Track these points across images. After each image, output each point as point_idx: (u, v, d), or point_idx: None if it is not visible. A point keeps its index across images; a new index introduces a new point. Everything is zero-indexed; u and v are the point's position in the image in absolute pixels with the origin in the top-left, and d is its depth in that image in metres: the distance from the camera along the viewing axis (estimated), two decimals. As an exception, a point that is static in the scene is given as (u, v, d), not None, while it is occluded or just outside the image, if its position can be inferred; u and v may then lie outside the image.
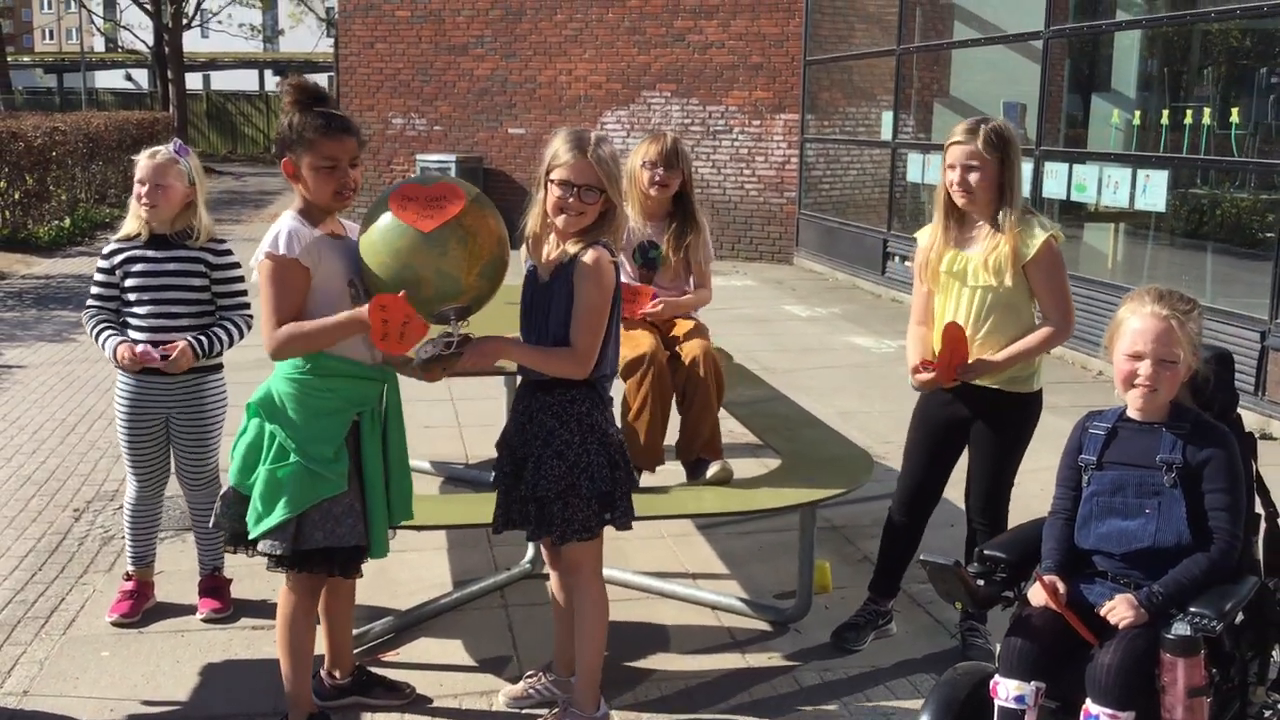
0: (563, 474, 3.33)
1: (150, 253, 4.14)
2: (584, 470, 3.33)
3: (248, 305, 4.27)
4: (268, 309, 3.25)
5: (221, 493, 3.51)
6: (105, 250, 4.23)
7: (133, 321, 4.15)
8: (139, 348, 4.05)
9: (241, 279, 4.26)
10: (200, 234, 4.18)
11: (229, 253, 4.27)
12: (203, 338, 4.12)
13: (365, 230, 3.28)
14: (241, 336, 4.24)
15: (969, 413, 3.96)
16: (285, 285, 3.25)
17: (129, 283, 4.14)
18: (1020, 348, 3.84)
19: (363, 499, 3.40)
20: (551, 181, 3.30)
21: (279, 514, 3.29)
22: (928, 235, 4.01)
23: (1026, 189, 9.96)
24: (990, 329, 3.87)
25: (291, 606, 3.48)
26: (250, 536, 3.37)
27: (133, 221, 4.18)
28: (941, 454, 4.09)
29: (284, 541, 3.31)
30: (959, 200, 3.85)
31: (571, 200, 3.26)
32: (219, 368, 4.28)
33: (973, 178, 3.78)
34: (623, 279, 4.39)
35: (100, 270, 4.21)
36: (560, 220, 3.30)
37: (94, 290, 4.22)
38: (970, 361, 3.81)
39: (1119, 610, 2.87)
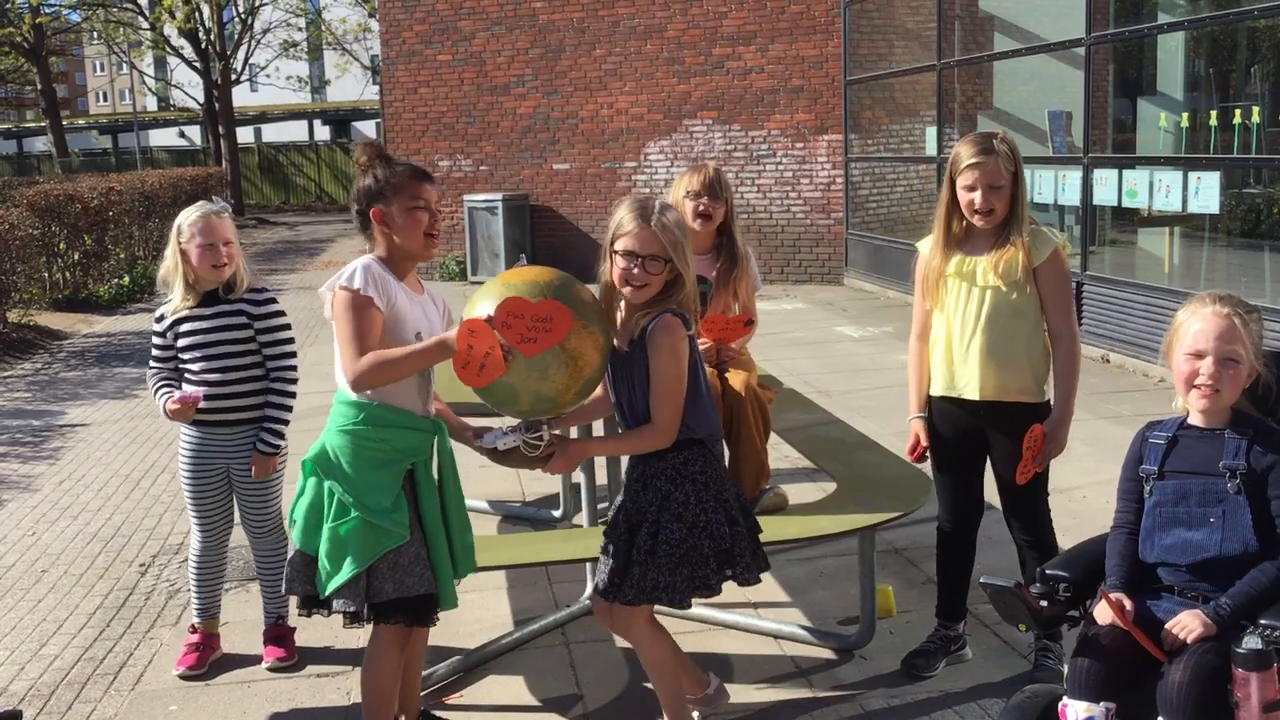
0: (683, 536, 3.29)
1: (199, 311, 4.23)
2: (704, 530, 3.31)
3: (293, 354, 4.33)
4: (347, 338, 3.24)
5: (289, 557, 3.51)
6: (157, 315, 4.36)
7: (191, 379, 4.24)
8: (176, 394, 4.16)
9: (285, 326, 4.32)
10: (241, 284, 4.25)
11: (271, 300, 4.33)
12: (268, 435, 4.24)
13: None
14: (293, 397, 4.32)
15: (982, 426, 3.94)
16: (361, 315, 3.25)
17: (182, 343, 4.25)
18: (1067, 384, 3.83)
19: (427, 547, 3.41)
20: (616, 253, 3.25)
21: (347, 570, 3.31)
22: (929, 246, 3.99)
23: (1077, 197, 9.89)
24: (998, 331, 3.83)
25: (379, 656, 3.49)
26: (322, 596, 3.39)
27: (183, 292, 4.22)
28: (967, 465, 4.06)
29: (356, 597, 3.33)
30: (980, 222, 3.82)
31: (636, 270, 3.21)
32: None
33: (995, 197, 3.76)
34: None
35: (156, 334, 4.34)
36: (627, 291, 3.27)
37: (154, 354, 4.37)
38: (1049, 444, 3.80)
39: (1186, 625, 2.81)
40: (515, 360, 3.07)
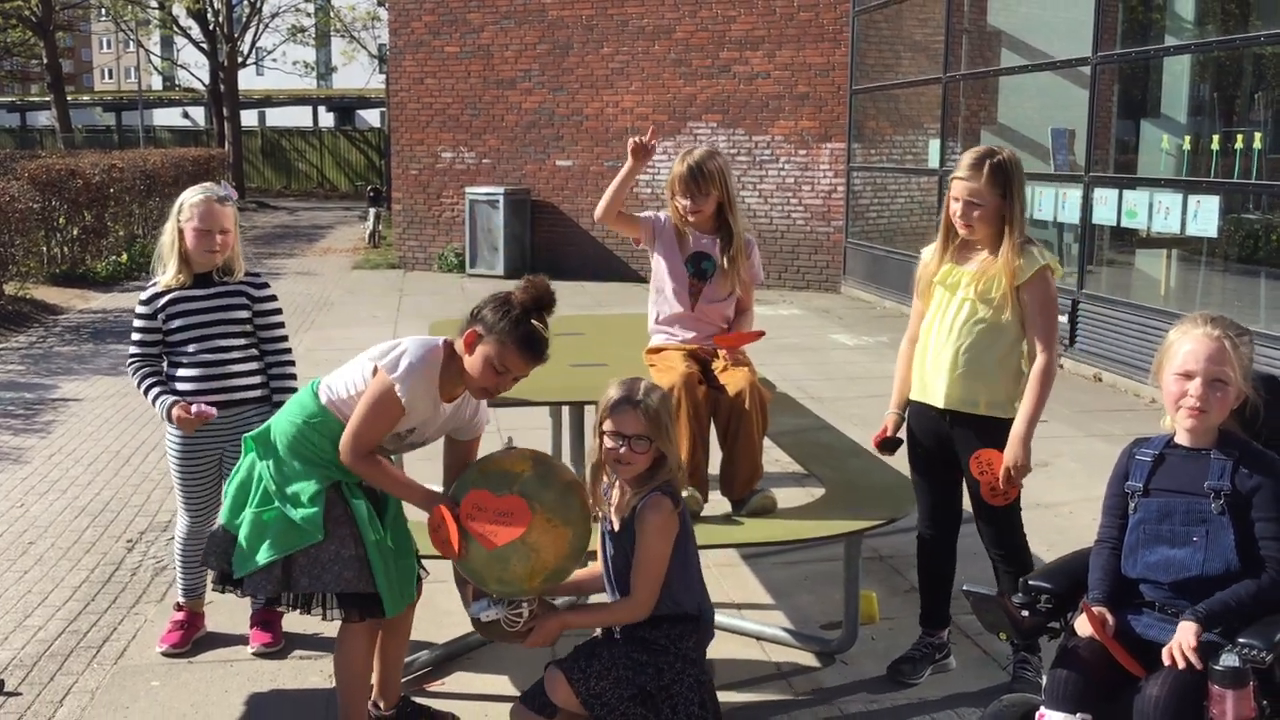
0: (654, 690, 3.30)
1: (195, 291, 4.18)
2: (670, 699, 3.30)
3: (286, 339, 4.35)
4: (359, 424, 3.31)
5: (212, 531, 3.56)
6: (144, 296, 4.21)
7: (183, 360, 4.18)
8: (194, 408, 4.07)
9: (280, 311, 4.35)
10: (239, 269, 4.25)
11: (267, 285, 4.35)
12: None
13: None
14: (295, 379, 4.32)
15: (949, 434, 3.98)
16: (384, 414, 3.31)
17: (174, 324, 4.16)
18: (1031, 403, 3.81)
19: (362, 549, 3.42)
20: (604, 432, 3.32)
21: (262, 557, 3.38)
22: (930, 252, 4.04)
23: (1076, 216, 9.91)
24: (969, 344, 3.88)
25: (348, 642, 3.54)
26: (235, 576, 3.45)
27: (176, 268, 4.16)
28: (943, 471, 4.09)
29: (269, 584, 3.40)
30: (962, 231, 3.90)
31: (624, 450, 3.28)
32: (267, 399, 4.30)
33: (975, 213, 3.82)
34: (685, 294, 4.42)
35: (141, 317, 4.19)
36: (613, 469, 3.34)
37: (135, 338, 4.21)
38: (1009, 466, 3.80)
39: (1183, 640, 2.79)
40: (478, 548, 3.21)
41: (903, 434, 4.16)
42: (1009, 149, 3.92)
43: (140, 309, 4.21)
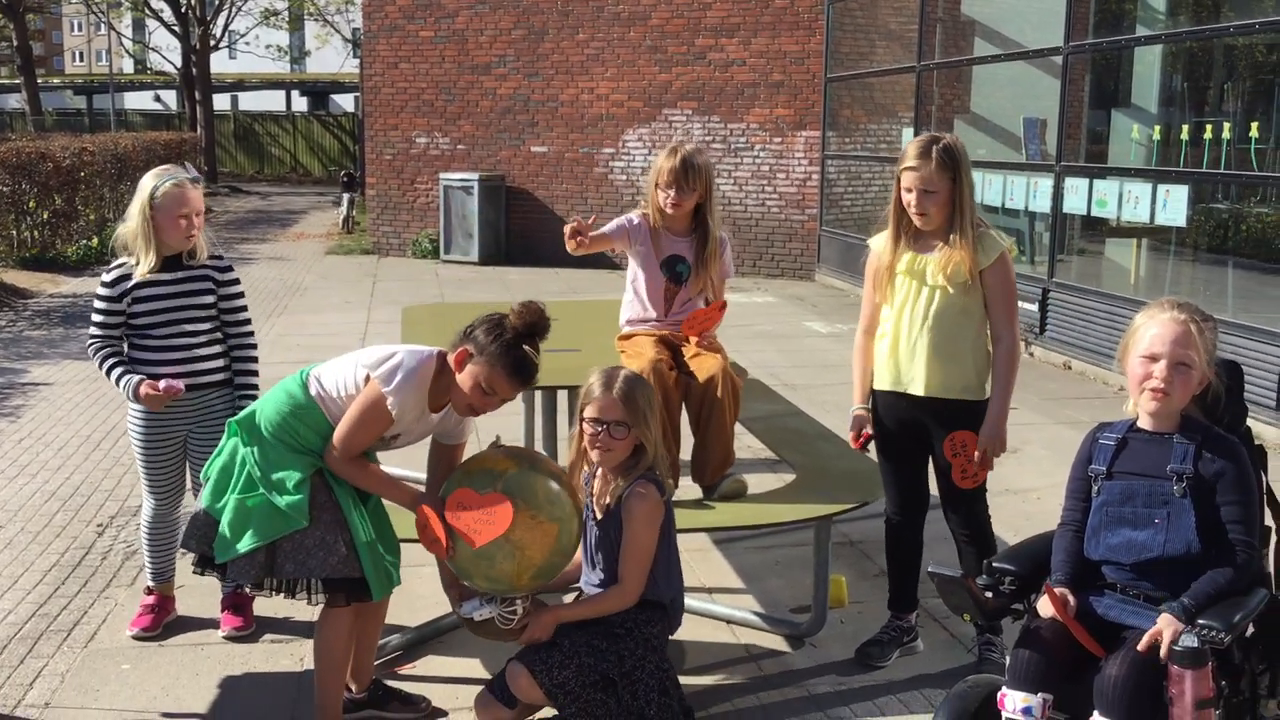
0: (616, 677, 3.32)
1: (161, 276, 4.15)
2: (632, 684, 3.33)
3: (249, 321, 4.35)
4: (347, 431, 3.36)
5: (193, 514, 3.57)
6: (108, 279, 4.15)
7: (148, 344, 4.16)
8: (162, 384, 4.04)
9: (243, 294, 4.34)
10: (202, 251, 4.23)
11: (230, 268, 4.33)
12: (248, 404, 4.14)
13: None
14: (257, 362, 4.35)
15: (923, 420, 4.02)
16: (373, 424, 3.35)
17: (140, 309, 4.13)
18: (1004, 383, 3.93)
19: (348, 533, 3.43)
20: (584, 419, 3.37)
21: (246, 544, 3.39)
22: (881, 242, 4.05)
23: (1047, 205, 9.99)
24: (945, 330, 3.93)
25: (330, 625, 3.54)
26: (217, 561, 3.46)
27: (152, 258, 4.11)
28: (911, 458, 4.13)
29: (252, 570, 3.41)
30: (917, 222, 3.92)
31: (603, 435, 3.33)
32: (229, 382, 4.30)
33: (928, 201, 3.85)
34: (660, 299, 4.44)
35: (103, 299, 4.14)
36: (595, 455, 3.38)
37: (97, 319, 4.15)
38: (990, 444, 3.89)
39: (1165, 631, 2.81)
40: (464, 548, 3.26)
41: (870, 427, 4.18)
42: (951, 135, 3.96)
43: (103, 290, 4.15)
